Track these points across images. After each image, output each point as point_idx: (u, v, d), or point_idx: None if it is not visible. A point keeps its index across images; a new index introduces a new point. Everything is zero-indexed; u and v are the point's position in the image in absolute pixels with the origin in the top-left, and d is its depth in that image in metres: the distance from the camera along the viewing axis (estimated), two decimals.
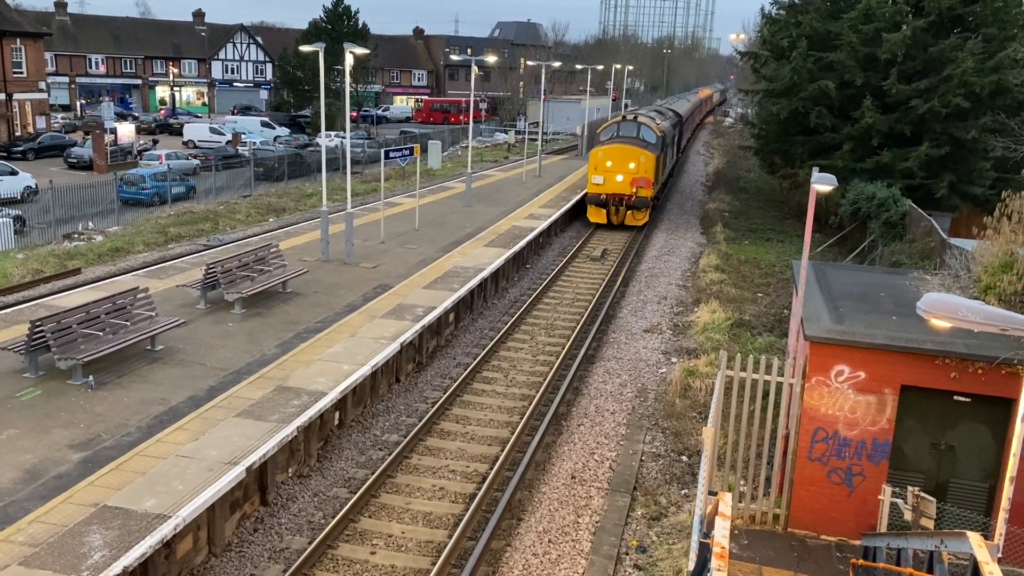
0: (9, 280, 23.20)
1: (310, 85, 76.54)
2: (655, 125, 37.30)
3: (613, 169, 34.27)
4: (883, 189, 28.61)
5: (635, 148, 34.44)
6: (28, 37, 57.34)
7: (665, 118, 45.49)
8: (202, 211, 34.48)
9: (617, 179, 34.23)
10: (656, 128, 36.75)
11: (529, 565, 11.46)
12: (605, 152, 34.73)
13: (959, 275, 13.33)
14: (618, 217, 35.15)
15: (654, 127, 36.61)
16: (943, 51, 30.50)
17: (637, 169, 34.16)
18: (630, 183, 34.17)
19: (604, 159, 34.52)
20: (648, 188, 34.40)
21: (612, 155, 34.45)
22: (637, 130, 36.17)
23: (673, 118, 49.52)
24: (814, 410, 11.42)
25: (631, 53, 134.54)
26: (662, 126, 39.34)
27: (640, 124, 36.34)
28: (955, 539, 7.88)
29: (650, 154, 34.31)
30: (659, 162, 35.81)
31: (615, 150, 34.62)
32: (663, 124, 40.83)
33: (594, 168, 34.68)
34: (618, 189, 34.51)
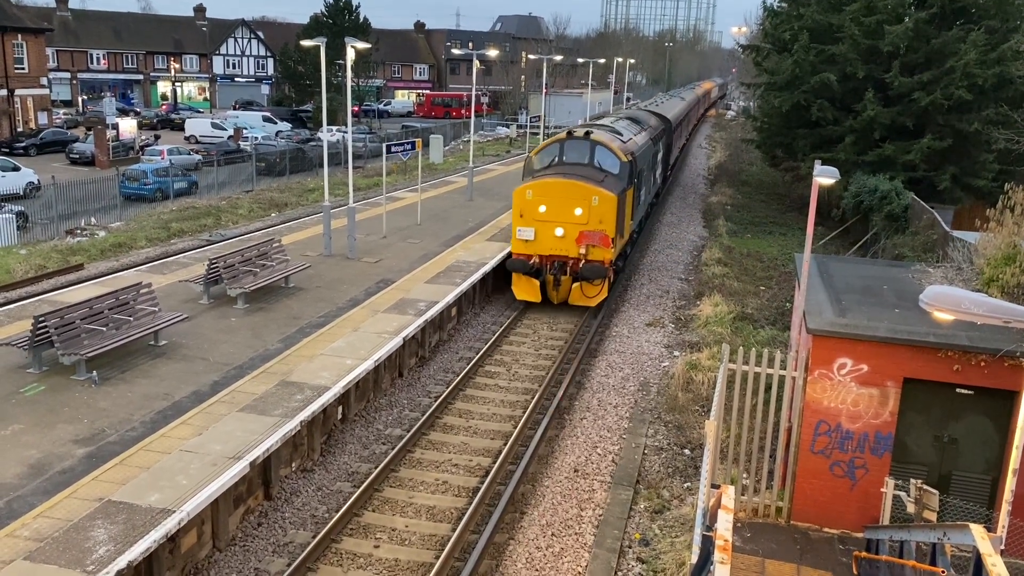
0: (12, 276, 23.24)
1: (311, 80, 76.47)
2: (620, 145, 24.27)
3: (549, 217, 21.87)
4: (885, 182, 28.56)
5: (584, 184, 21.78)
6: (29, 33, 57.34)
7: (643, 128, 31.09)
8: (204, 206, 34.49)
9: (556, 233, 21.89)
10: (622, 151, 23.76)
11: (532, 558, 11.49)
12: (537, 191, 22.02)
13: (962, 268, 13.32)
14: (559, 292, 22.49)
15: (618, 149, 23.56)
16: (946, 43, 30.41)
17: (587, 217, 21.70)
18: (577, 239, 21.79)
19: (535, 201, 21.98)
20: (606, 246, 21.77)
21: (548, 195, 21.88)
22: (590, 153, 23.19)
23: (656, 127, 35.24)
24: (817, 403, 11.43)
25: (633, 46, 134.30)
26: (634, 144, 26.49)
27: (595, 144, 23.29)
28: (958, 531, 7.89)
29: (608, 193, 21.74)
30: (624, 202, 23.04)
31: (553, 188, 21.93)
32: (638, 139, 28.04)
33: (520, 215, 22.18)
34: (558, 248, 21.94)
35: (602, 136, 23.88)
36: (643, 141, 28.50)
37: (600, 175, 22.48)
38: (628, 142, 25.71)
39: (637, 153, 25.48)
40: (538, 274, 22.33)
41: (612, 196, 21.69)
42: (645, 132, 30.64)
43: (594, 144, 23.23)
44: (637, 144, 26.83)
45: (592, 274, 21.75)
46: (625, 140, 25.68)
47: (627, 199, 23.43)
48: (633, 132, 28.42)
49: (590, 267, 21.67)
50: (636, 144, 26.67)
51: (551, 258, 22.12)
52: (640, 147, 26.96)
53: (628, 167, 23.29)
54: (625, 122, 30.18)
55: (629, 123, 30.29)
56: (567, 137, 23.78)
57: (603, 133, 24.55)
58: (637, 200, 26.24)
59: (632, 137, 27.21)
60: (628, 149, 24.55)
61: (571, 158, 23.24)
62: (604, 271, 21.74)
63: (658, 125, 35.98)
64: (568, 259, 21.99)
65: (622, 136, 25.95)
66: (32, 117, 58.00)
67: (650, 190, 31.68)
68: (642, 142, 28.11)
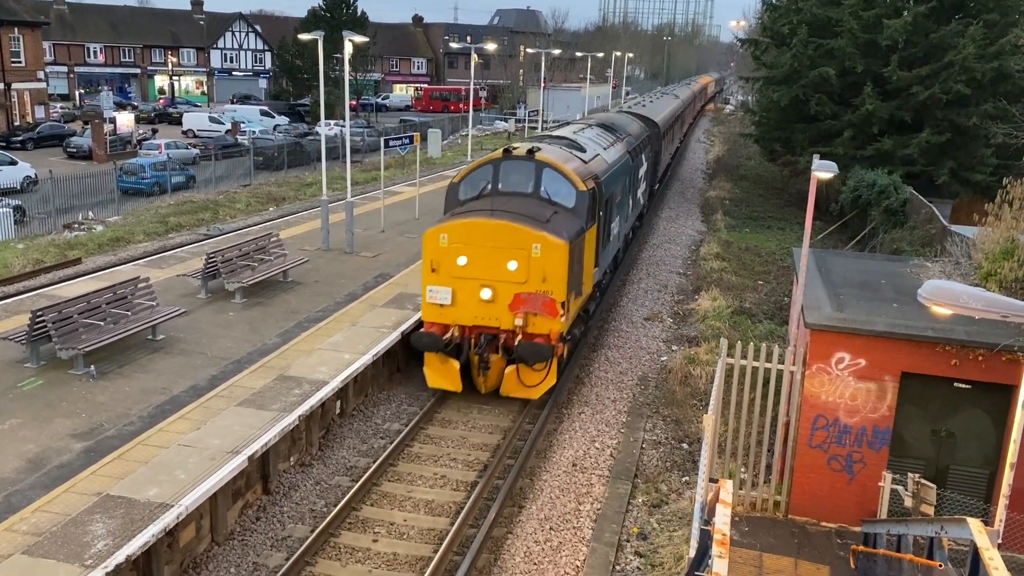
0: (10, 270, 23.20)
1: (309, 74, 76.34)
2: (579, 167, 17.79)
3: (473, 273, 15.46)
4: (884, 176, 28.56)
5: (522, 227, 15.24)
6: (26, 26, 57.14)
7: (619, 138, 24.44)
8: (202, 200, 34.44)
9: (481, 295, 15.44)
10: (581, 175, 17.28)
11: (531, 552, 11.51)
12: (456, 235, 15.55)
13: (960, 262, 13.33)
14: (487, 378, 16.06)
15: (574, 173, 17.03)
16: (944, 37, 30.39)
17: (526, 273, 15.25)
18: (511, 304, 15.43)
19: (453, 250, 15.53)
20: (552, 314, 15.32)
21: (470, 241, 15.46)
22: (535, 180, 16.78)
23: (639, 134, 28.50)
24: (814, 397, 11.44)
25: (631, 40, 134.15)
26: (602, 162, 19.88)
27: (543, 167, 16.83)
28: (955, 525, 7.91)
29: (555, 239, 15.17)
30: (582, 248, 16.51)
31: (477, 232, 15.46)
32: (609, 154, 21.31)
33: (432, 268, 15.69)
34: (484, 317, 15.62)
35: (554, 155, 17.31)
36: (617, 156, 22.03)
37: (547, 211, 15.87)
38: (593, 161, 19.21)
39: (606, 175, 19.16)
40: (456, 351, 15.49)
41: (561, 244, 14.89)
42: (621, 143, 24.04)
43: (541, 167, 16.54)
44: (607, 162, 20.38)
45: (531, 355, 14.93)
46: (588, 158, 19.01)
47: (587, 242, 16.73)
48: (603, 145, 21.87)
49: (529, 346, 14.91)
50: (605, 162, 20.17)
51: (476, 330, 15.49)
52: (612, 166, 20.54)
53: (589, 197, 16.75)
54: (595, 131, 23.40)
55: (601, 132, 23.66)
56: (504, 156, 16.87)
57: (556, 150, 18.13)
58: (605, 237, 19.23)
59: (599, 153, 20.55)
60: (592, 171, 18.12)
61: (509, 186, 16.63)
62: (548, 351, 14.95)
63: (641, 132, 29.33)
64: (499, 332, 15.38)
65: (584, 153, 19.35)
66: (29, 111, 57.85)
67: (628, 216, 24.27)
68: (615, 158, 21.69)
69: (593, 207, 17.21)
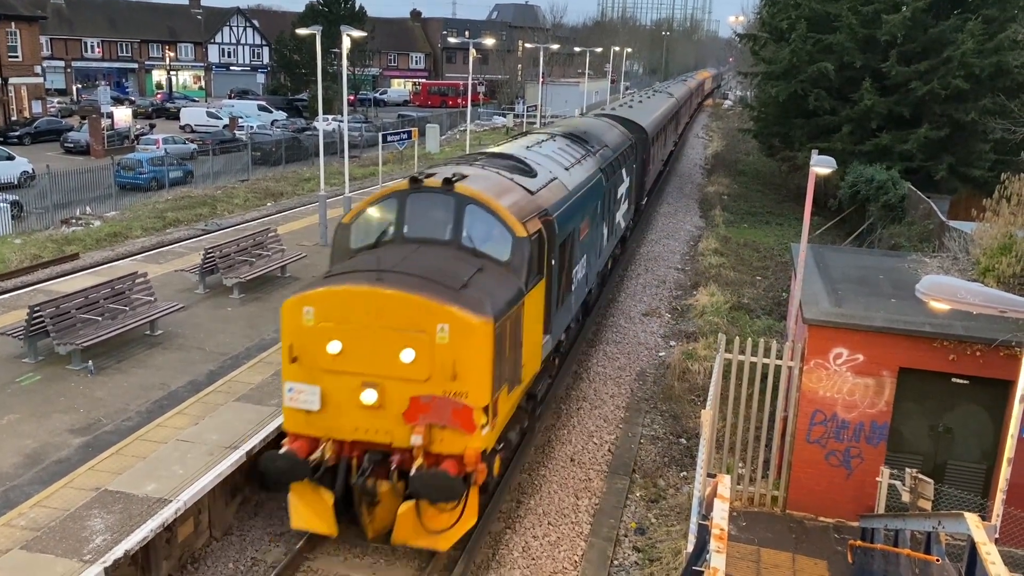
0: (7, 265, 23.16)
1: (307, 68, 76.18)
2: (519, 201, 12.37)
3: (349, 364, 10.06)
4: (882, 172, 28.56)
5: (421, 299, 9.80)
6: (23, 20, 56.99)
7: (590, 152, 19.32)
8: (200, 196, 34.39)
9: (364, 398, 10.05)
10: (521, 212, 11.91)
11: (529, 547, 11.52)
12: (327, 307, 10.09)
13: (958, 257, 13.34)
14: (374, 519, 10.52)
15: (508, 211, 11.59)
16: (943, 32, 30.37)
17: (427, 365, 9.86)
18: (407, 413, 9.99)
19: (321, 332, 10.11)
20: (467, 427, 9.92)
21: (347, 318, 10.01)
22: (454, 221, 11.60)
23: (619, 144, 23.29)
24: (812, 392, 11.45)
25: (630, 35, 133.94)
26: (559, 189, 14.66)
27: (467, 204, 11.59)
28: (953, 520, 7.93)
29: (475, 319, 9.75)
30: (519, 323, 11.11)
31: (358, 304, 9.96)
32: (572, 177, 16.14)
33: (292, 356, 10.30)
34: (368, 429, 10.24)
35: (483, 185, 12.08)
36: (584, 177, 16.75)
37: (467, 268, 10.78)
38: (544, 189, 13.75)
39: (564, 206, 13.96)
40: (328, 476, 10.38)
41: (481, 323, 9.77)
42: (592, 159, 18.65)
43: (463, 203, 11.51)
44: (567, 188, 14.97)
45: (433, 490, 9.84)
46: (538, 186, 13.57)
47: (529, 309, 11.52)
48: (565, 163, 16.57)
49: (429, 477, 9.85)
50: (564, 188, 14.80)
51: (358, 448, 10.42)
52: (574, 192, 15.30)
53: (532, 244, 11.54)
54: (557, 144, 18.01)
55: (565, 146, 18.36)
56: (411, 187, 11.78)
57: (490, 176, 12.86)
58: (561, 291, 13.91)
59: (557, 176, 15.13)
60: (540, 205, 12.75)
61: (417, 230, 11.64)
62: (458, 486, 9.86)
63: (622, 142, 23.81)
64: (391, 451, 10.27)
65: (532, 178, 13.92)
66: (26, 106, 57.72)
67: (601, 251, 19.08)
68: (582, 179, 16.45)
69: (539, 256, 11.91)
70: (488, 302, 10.07)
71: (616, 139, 23.67)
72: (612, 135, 23.79)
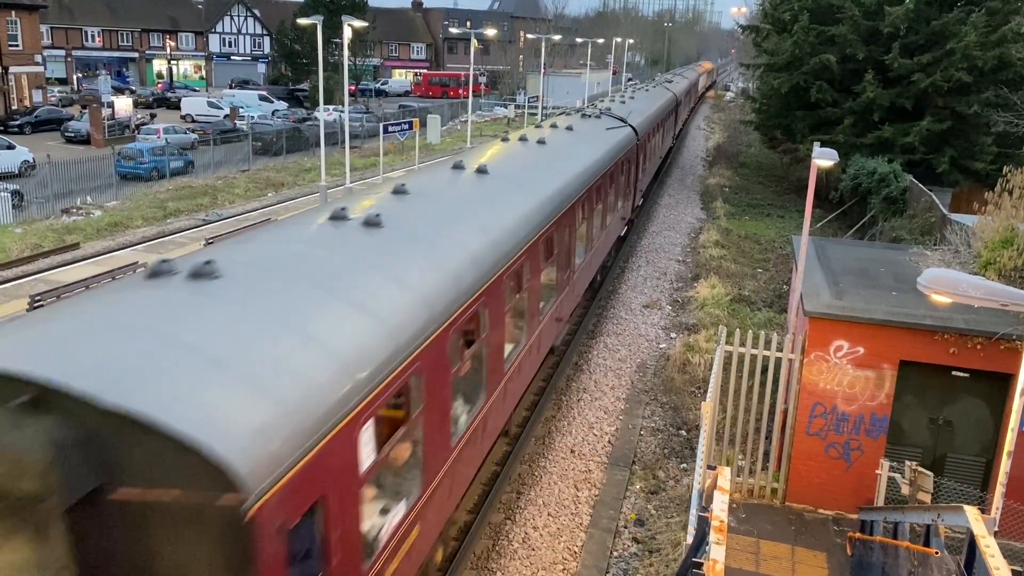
0: (8, 255, 23.16)
1: (308, 59, 76.04)
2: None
3: None
4: (884, 164, 28.50)
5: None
6: (24, 9, 56.82)
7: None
8: (200, 186, 34.37)
9: None
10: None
11: (528, 537, 11.55)
12: None
13: (959, 250, 13.32)
14: None
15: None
16: (946, 25, 30.26)
17: None
18: None
19: None
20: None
21: None
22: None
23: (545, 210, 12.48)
24: (813, 385, 11.46)
25: (632, 26, 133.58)
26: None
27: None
28: (952, 513, 7.94)
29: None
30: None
31: None
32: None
33: None
34: None
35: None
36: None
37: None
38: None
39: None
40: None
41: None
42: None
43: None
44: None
45: None
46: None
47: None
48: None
49: None
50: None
51: None
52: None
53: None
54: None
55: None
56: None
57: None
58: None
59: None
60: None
61: None
62: None
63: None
64: None
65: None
66: (27, 95, 57.60)
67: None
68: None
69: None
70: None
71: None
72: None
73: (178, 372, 5.03)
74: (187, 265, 6.32)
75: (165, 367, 5.02)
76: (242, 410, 4.99)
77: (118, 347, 5.13)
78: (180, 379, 4.99)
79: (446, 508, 8.75)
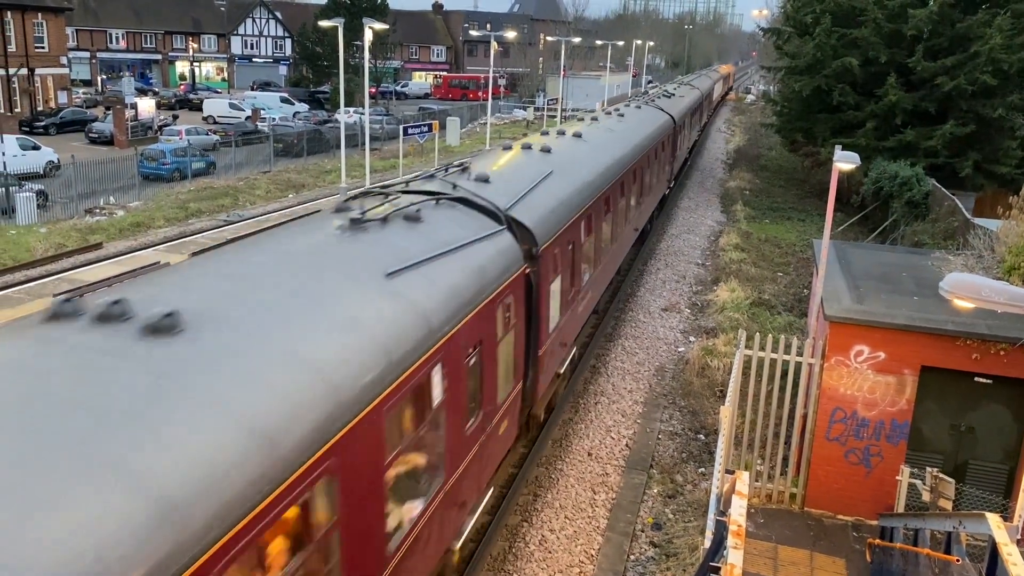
0: (32, 254, 23.44)
1: (329, 61, 76.43)
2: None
3: None
4: (906, 168, 28.27)
5: None
6: (50, 12, 57.54)
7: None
8: (222, 187, 34.63)
9: None
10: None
11: (545, 540, 11.54)
12: None
13: (983, 255, 13.19)
14: None
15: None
16: (971, 27, 29.97)
17: None
18: None
19: None
20: None
21: None
22: None
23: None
24: (833, 390, 11.38)
25: (652, 29, 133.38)
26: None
27: None
28: (974, 520, 7.86)
29: None
30: None
31: None
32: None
33: None
34: None
35: None
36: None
37: None
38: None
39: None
40: None
41: None
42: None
43: None
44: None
45: None
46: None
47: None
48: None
49: None
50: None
51: None
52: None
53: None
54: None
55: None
56: None
57: None
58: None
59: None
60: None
61: None
62: None
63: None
64: None
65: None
66: (52, 96, 58.32)
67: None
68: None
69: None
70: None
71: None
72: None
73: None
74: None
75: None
76: None
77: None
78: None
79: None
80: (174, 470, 4.23)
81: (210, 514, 4.24)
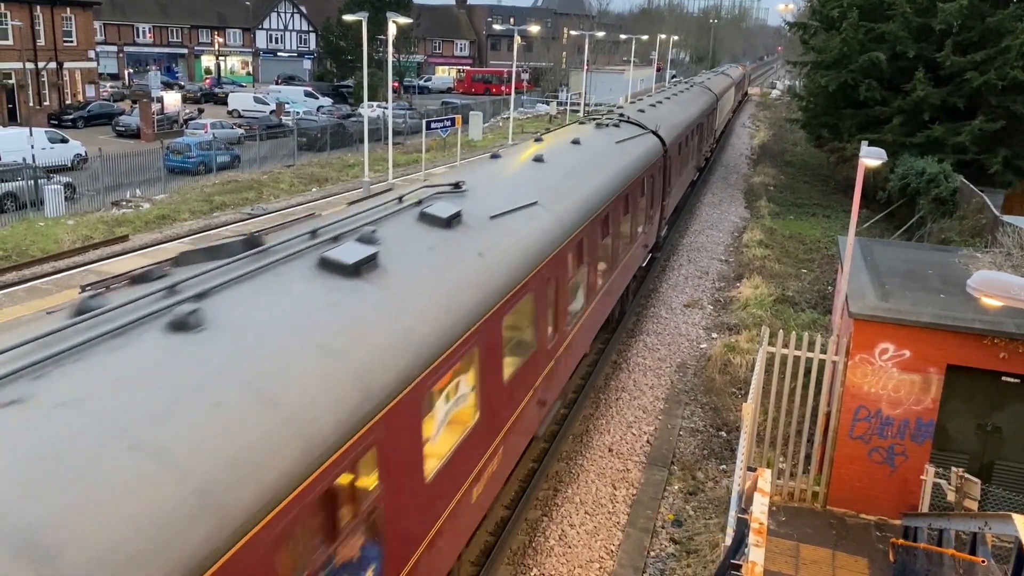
0: (60, 246, 23.74)
1: (353, 55, 76.69)
2: None
3: None
4: (934, 164, 27.92)
5: None
6: (78, 6, 58.17)
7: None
8: (246, 180, 34.88)
9: None
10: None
11: (565, 535, 11.54)
12: None
13: (1011, 253, 13.01)
14: None
15: None
16: (1001, 21, 29.52)
17: None
18: None
19: None
20: None
21: None
22: None
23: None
24: (857, 388, 11.27)
25: (676, 23, 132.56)
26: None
27: None
28: (1000, 521, 7.76)
29: None
30: None
31: None
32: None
33: None
34: None
35: None
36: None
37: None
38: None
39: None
40: None
41: None
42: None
43: None
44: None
45: None
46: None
47: None
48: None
49: None
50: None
51: None
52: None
53: None
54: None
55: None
56: None
57: None
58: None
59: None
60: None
61: None
62: None
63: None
64: None
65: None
66: (80, 90, 58.98)
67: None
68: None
69: None
70: None
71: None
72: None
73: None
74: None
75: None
76: None
77: None
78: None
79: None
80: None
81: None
